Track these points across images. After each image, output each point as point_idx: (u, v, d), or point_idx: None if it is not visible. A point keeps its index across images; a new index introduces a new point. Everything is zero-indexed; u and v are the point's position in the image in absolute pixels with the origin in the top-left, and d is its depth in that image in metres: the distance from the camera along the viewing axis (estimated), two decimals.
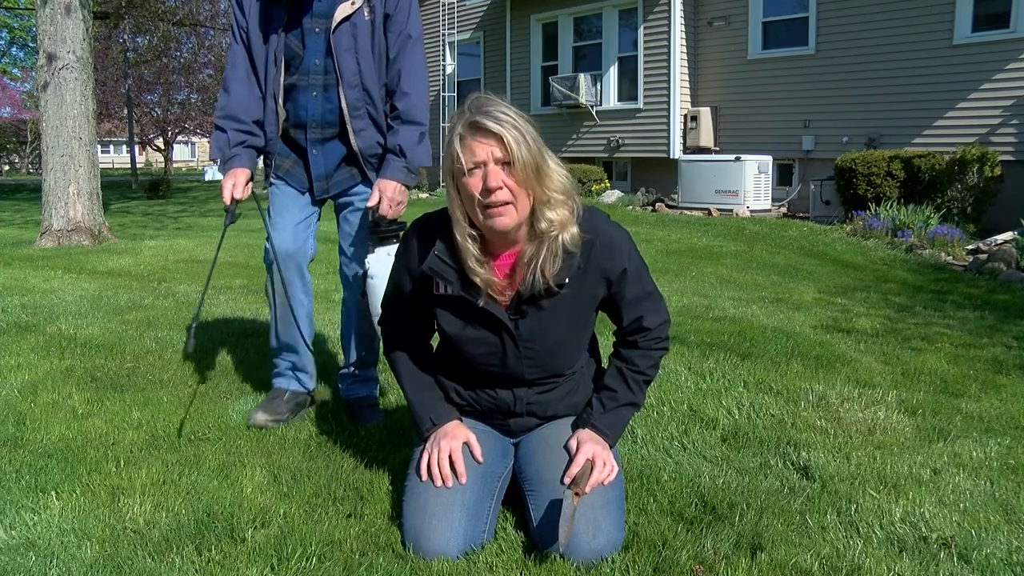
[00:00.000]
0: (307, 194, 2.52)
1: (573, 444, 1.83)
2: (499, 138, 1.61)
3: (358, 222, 2.51)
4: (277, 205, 2.51)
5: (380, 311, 2.01)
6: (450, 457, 1.80)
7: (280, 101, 2.41)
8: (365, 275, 2.36)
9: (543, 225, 1.69)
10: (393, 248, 2.21)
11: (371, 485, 2.08)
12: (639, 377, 1.89)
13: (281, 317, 2.55)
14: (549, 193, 1.68)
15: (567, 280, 1.74)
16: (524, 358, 1.82)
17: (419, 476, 1.80)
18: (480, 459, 1.82)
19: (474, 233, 1.72)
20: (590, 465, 1.76)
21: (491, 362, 1.84)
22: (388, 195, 2.33)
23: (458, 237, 1.71)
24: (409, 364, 1.97)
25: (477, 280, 1.73)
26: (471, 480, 1.79)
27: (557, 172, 1.70)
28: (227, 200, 2.35)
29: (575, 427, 1.90)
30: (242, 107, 2.41)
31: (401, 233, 2.21)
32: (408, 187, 2.39)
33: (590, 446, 1.80)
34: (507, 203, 1.65)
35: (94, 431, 2.44)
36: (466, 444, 1.86)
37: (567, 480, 1.73)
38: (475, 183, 1.64)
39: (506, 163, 1.63)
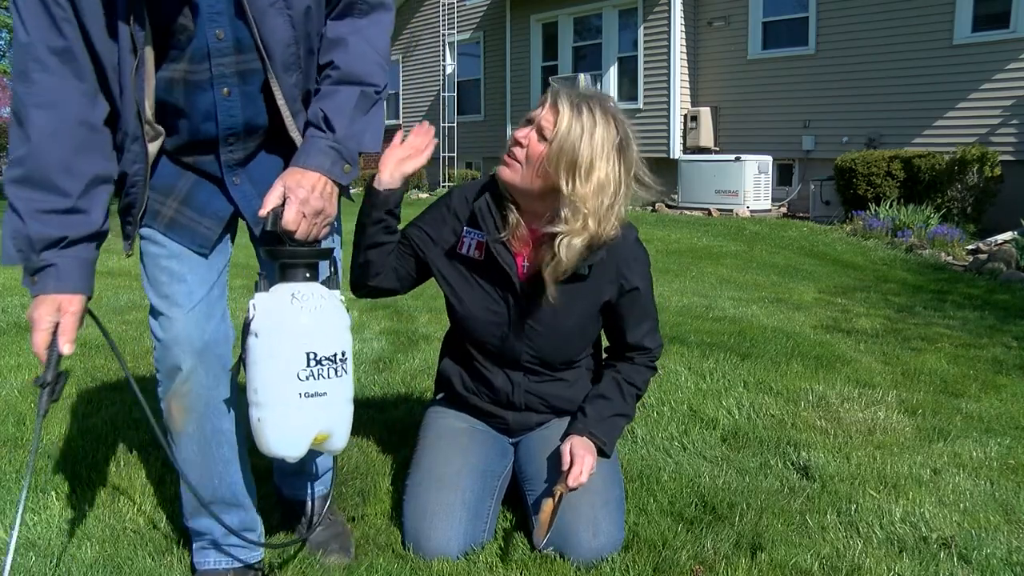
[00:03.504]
0: (214, 249, 1.54)
1: (566, 450, 1.75)
2: (557, 114, 1.64)
3: None
4: (162, 269, 1.48)
5: (267, 401, 1.31)
6: None
7: (149, 113, 1.38)
8: (245, 328, 1.36)
9: (559, 228, 1.65)
10: (304, 289, 1.34)
11: (372, 485, 2.08)
12: (632, 390, 1.90)
13: (204, 458, 1.53)
14: (576, 203, 1.63)
15: (588, 268, 1.76)
16: (525, 337, 1.82)
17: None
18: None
19: None
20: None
21: (492, 332, 1.83)
22: (299, 195, 1.32)
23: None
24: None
25: (510, 218, 1.74)
26: (471, 480, 1.79)
27: (600, 188, 1.63)
28: (42, 355, 1.34)
29: (569, 433, 1.83)
30: (61, 155, 1.30)
31: (325, 265, 1.45)
32: (340, 185, 1.40)
33: (582, 453, 1.73)
34: (516, 161, 1.69)
35: (94, 431, 2.44)
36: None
37: (571, 483, 1.69)
38: (515, 131, 1.71)
39: (543, 138, 1.66)
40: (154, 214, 1.48)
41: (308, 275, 1.37)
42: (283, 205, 1.33)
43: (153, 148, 1.42)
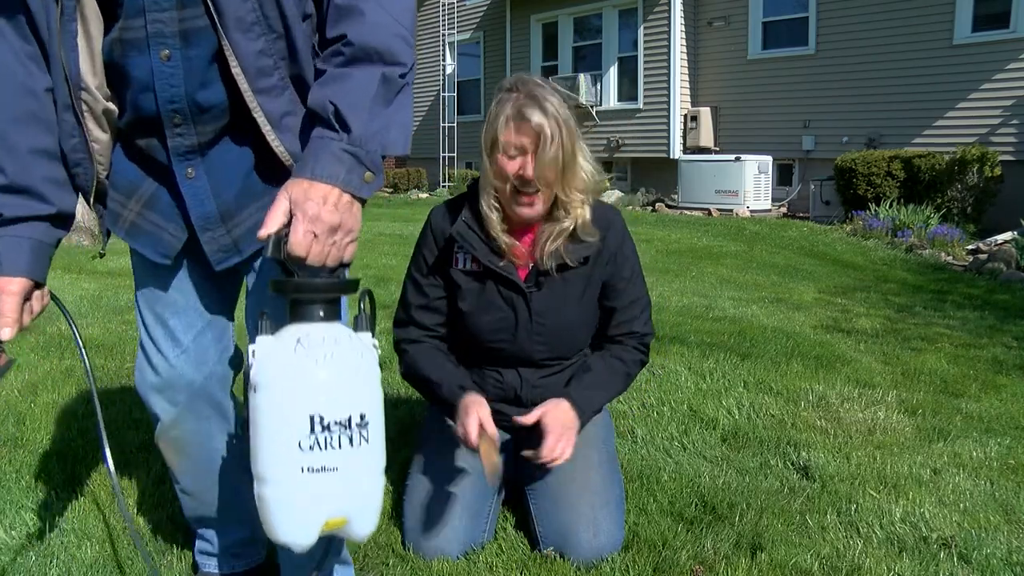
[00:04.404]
0: (190, 266, 1.33)
1: (543, 410, 1.71)
2: (538, 132, 1.64)
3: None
4: (149, 308, 1.35)
5: (267, 475, 1.06)
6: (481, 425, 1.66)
7: (89, 80, 1.17)
8: (245, 379, 1.10)
9: (560, 212, 1.74)
10: (314, 333, 1.06)
11: None
12: (620, 366, 1.86)
13: (201, 489, 1.49)
14: (570, 193, 1.72)
15: (585, 259, 1.79)
16: (535, 334, 1.83)
17: (466, 443, 1.66)
18: (494, 433, 1.66)
19: (498, 205, 1.76)
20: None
21: (502, 336, 1.84)
22: (307, 211, 1.04)
23: (484, 207, 1.74)
24: (429, 352, 1.88)
25: (502, 245, 1.76)
26: (471, 480, 1.79)
27: (583, 169, 1.73)
28: None
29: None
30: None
31: (351, 295, 1.13)
32: (358, 199, 1.09)
33: (559, 422, 1.68)
34: (537, 191, 1.69)
35: (94, 431, 2.44)
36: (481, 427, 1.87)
37: (546, 456, 1.64)
38: (512, 166, 1.68)
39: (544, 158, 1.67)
40: (115, 218, 1.29)
41: (323, 314, 1.08)
42: (288, 225, 1.04)
43: (99, 128, 1.21)
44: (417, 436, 1.99)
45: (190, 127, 1.19)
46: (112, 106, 1.21)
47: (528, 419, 1.70)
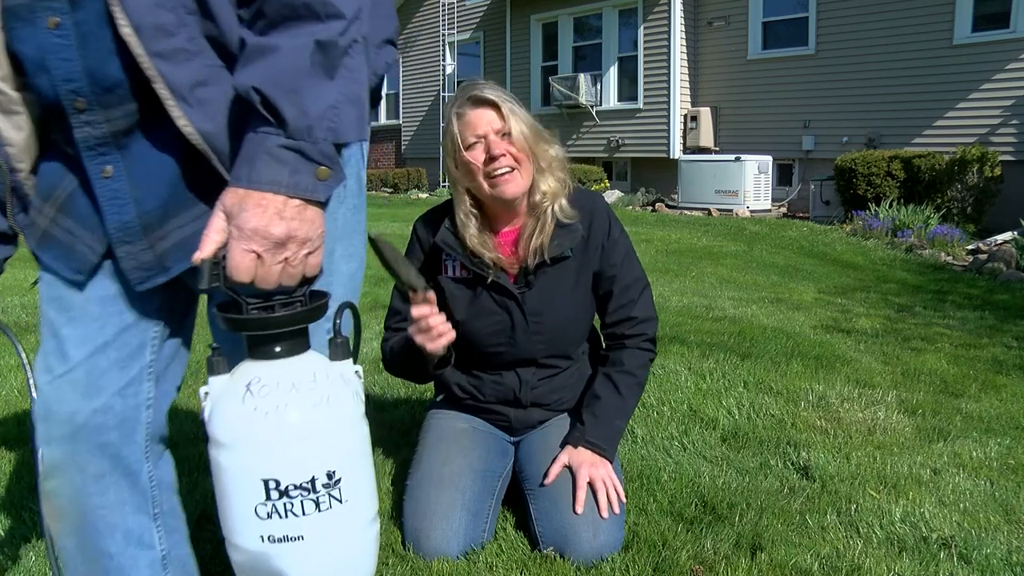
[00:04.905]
0: (110, 270, 1.04)
1: (565, 460, 1.79)
2: (497, 108, 1.69)
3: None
4: (43, 315, 1.07)
5: (232, 540, 0.92)
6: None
7: None
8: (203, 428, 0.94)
9: (537, 197, 1.77)
10: (267, 376, 0.89)
11: None
12: (629, 380, 1.86)
13: None
14: (543, 155, 1.77)
15: (571, 250, 1.80)
16: (533, 332, 1.83)
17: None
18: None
19: (474, 211, 1.78)
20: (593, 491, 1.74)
21: (500, 340, 1.84)
22: (244, 226, 0.85)
23: (460, 216, 1.77)
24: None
25: (486, 257, 1.78)
26: (471, 480, 1.79)
27: (552, 147, 1.79)
28: None
29: (566, 443, 1.84)
30: None
31: (329, 325, 0.98)
32: (311, 201, 0.87)
33: (585, 471, 1.75)
34: (512, 169, 1.71)
35: None
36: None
37: (579, 510, 1.70)
38: (477, 155, 1.70)
39: (505, 133, 1.70)
40: (29, 225, 1.05)
41: (280, 349, 0.89)
42: (225, 251, 0.86)
43: (11, 127, 0.99)
44: (417, 436, 1.99)
45: (97, 113, 0.94)
46: (23, 99, 0.99)
47: (550, 477, 1.77)
